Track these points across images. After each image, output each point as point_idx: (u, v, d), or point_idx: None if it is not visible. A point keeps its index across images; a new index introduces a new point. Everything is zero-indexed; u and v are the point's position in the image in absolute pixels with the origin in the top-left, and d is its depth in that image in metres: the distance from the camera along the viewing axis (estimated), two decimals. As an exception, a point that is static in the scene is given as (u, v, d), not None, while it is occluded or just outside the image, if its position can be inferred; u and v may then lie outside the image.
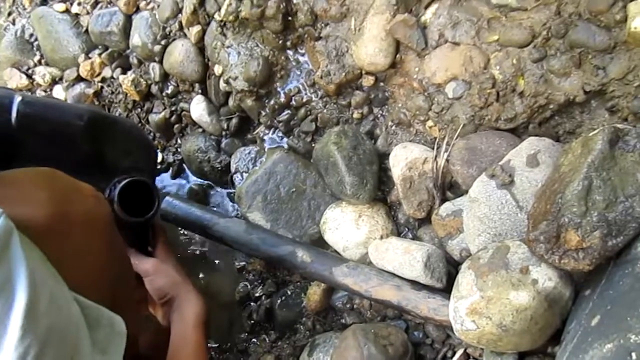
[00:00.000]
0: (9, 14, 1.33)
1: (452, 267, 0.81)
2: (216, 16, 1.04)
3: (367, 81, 0.94)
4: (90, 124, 0.85)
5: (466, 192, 0.84)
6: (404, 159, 0.85)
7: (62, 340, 0.49)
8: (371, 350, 0.72)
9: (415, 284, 0.78)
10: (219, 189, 1.13)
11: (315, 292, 0.90)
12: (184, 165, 1.16)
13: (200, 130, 1.14)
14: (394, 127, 0.94)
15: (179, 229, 1.03)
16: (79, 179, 0.85)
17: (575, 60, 0.77)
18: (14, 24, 1.32)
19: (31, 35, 1.27)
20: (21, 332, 0.44)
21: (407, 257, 0.77)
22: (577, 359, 0.55)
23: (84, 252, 0.57)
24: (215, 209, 1.07)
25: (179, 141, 1.17)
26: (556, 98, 0.78)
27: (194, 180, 1.15)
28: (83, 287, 0.55)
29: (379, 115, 0.96)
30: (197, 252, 1.10)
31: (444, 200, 0.85)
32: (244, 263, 1.06)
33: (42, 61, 1.26)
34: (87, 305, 0.54)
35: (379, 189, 0.90)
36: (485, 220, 0.72)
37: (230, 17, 1.00)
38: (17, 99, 0.78)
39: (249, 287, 1.03)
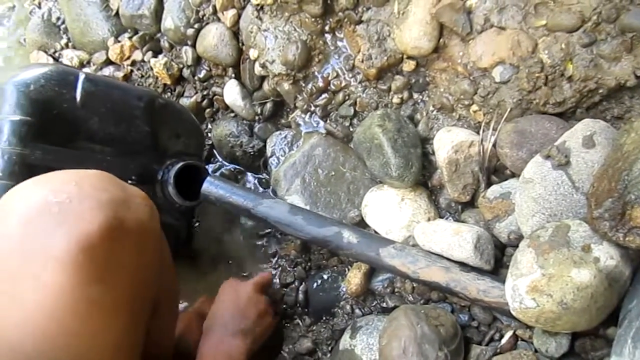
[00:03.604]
0: (35, -4, 1.32)
1: (497, 250, 0.81)
2: (253, 0, 1.03)
3: (408, 66, 0.94)
4: (148, 106, 0.84)
5: (512, 175, 0.84)
6: (450, 142, 0.85)
7: None
8: (424, 330, 0.72)
9: (463, 266, 0.78)
10: (249, 175, 1.13)
11: (355, 276, 0.89)
12: (214, 150, 1.15)
13: (232, 114, 1.13)
14: (435, 112, 0.94)
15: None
16: (136, 159, 0.86)
17: (627, 45, 0.77)
18: (39, 7, 1.31)
19: (58, 18, 1.26)
20: None
21: (456, 239, 0.77)
22: (648, 334, 0.55)
23: (133, 265, 0.55)
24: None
25: (209, 126, 1.16)
26: (606, 82, 0.78)
27: (224, 165, 1.14)
28: (125, 302, 0.54)
29: (419, 100, 0.96)
30: (228, 237, 1.10)
31: (489, 183, 0.85)
32: (276, 249, 1.06)
33: (69, 44, 1.25)
34: None
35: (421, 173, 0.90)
36: (540, 201, 0.72)
37: (269, 1, 1.00)
38: (81, 76, 0.77)
39: (282, 272, 1.03)
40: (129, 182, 0.84)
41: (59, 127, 0.78)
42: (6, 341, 0.48)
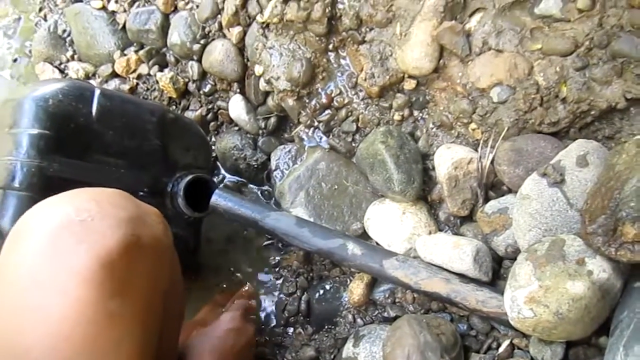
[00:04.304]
0: (40, 9, 1.35)
1: (495, 263, 0.85)
2: (258, 18, 1.07)
3: (409, 84, 0.98)
4: (160, 120, 0.87)
5: (509, 191, 0.88)
6: (450, 158, 0.89)
7: None
8: (427, 338, 0.76)
9: (462, 277, 0.82)
10: (252, 187, 1.16)
11: (357, 286, 0.93)
12: (217, 162, 1.18)
13: (236, 128, 1.16)
14: (434, 129, 0.98)
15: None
16: (147, 171, 0.89)
17: (617, 70, 0.82)
18: (45, 19, 1.34)
19: (64, 30, 1.29)
20: None
21: (456, 252, 0.81)
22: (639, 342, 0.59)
23: (150, 279, 0.58)
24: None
25: (213, 139, 1.19)
26: (598, 104, 0.83)
27: (227, 177, 1.17)
28: (142, 315, 0.56)
29: (419, 118, 1.00)
30: (229, 248, 1.13)
31: (487, 199, 0.89)
32: (278, 259, 1.09)
33: (75, 56, 1.27)
34: None
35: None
36: (537, 216, 0.76)
37: (275, 19, 1.04)
38: (97, 92, 0.80)
39: (284, 282, 1.06)
40: (141, 194, 0.87)
41: (75, 141, 0.81)
42: (33, 353, 0.50)
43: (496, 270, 0.85)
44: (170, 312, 0.67)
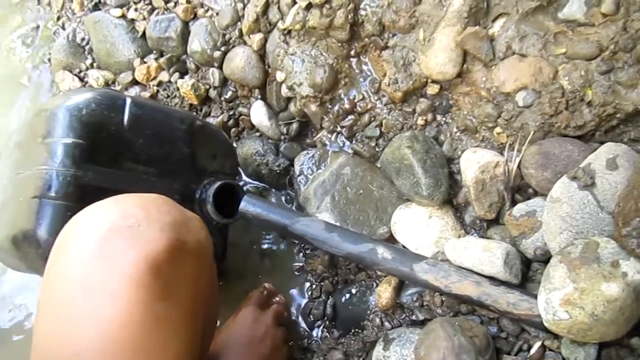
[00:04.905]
0: (58, 18, 1.36)
1: (523, 265, 0.86)
2: (279, 25, 1.08)
3: (432, 89, 0.99)
4: (189, 128, 0.88)
5: (535, 193, 0.89)
6: (476, 162, 0.90)
7: None
8: (461, 341, 0.76)
9: (493, 280, 0.82)
10: (275, 192, 1.17)
11: (385, 290, 0.93)
12: (239, 168, 1.19)
13: (257, 134, 1.17)
14: (458, 133, 0.99)
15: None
16: (177, 179, 0.90)
17: (643, 73, 0.83)
18: (63, 28, 1.34)
19: (82, 39, 1.30)
20: None
21: (487, 255, 0.82)
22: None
23: (194, 283, 0.59)
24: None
25: (234, 145, 1.20)
26: (624, 107, 0.84)
27: (249, 182, 1.18)
28: (186, 318, 0.57)
29: (443, 122, 1.01)
30: (253, 253, 1.14)
31: (513, 202, 0.90)
32: (302, 264, 1.10)
33: (94, 64, 1.28)
34: None
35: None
36: (568, 219, 0.77)
37: (297, 26, 1.05)
38: (129, 100, 0.81)
39: (309, 286, 1.06)
40: (172, 201, 0.87)
41: (108, 149, 0.82)
42: (82, 356, 0.51)
43: (524, 272, 0.85)
44: (208, 316, 0.68)
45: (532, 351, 0.81)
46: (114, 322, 0.52)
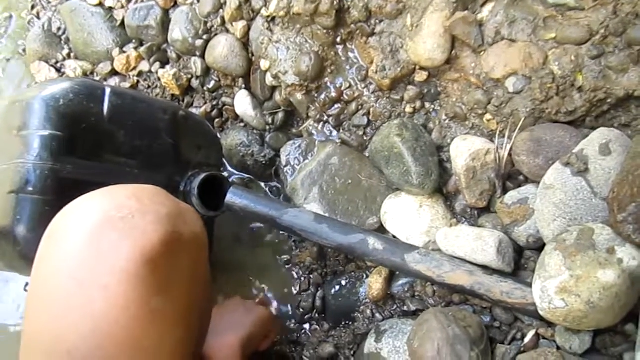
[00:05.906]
0: (33, 7, 1.32)
1: (516, 253, 0.84)
2: (263, 12, 1.05)
3: (420, 76, 0.97)
4: (172, 118, 0.85)
5: (526, 180, 0.88)
6: (467, 150, 0.88)
7: None
8: (456, 331, 0.75)
9: (485, 269, 0.81)
10: (260, 183, 1.14)
11: (376, 281, 0.92)
12: (224, 159, 1.16)
13: (242, 124, 1.14)
14: (447, 121, 0.97)
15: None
16: (160, 171, 0.87)
17: (634, 57, 0.82)
18: (38, 17, 1.30)
19: (59, 28, 1.26)
20: None
21: (479, 243, 0.80)
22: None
23: (191, 276, 0.57)
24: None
25: (218, 136, 1.17)
26: (615, 92, 0.83)
27: (234, 174, 1.16)
28: (183, 313, 0.55)
29: (432, 110, 0.99)
30: (237, 246, 1.12)
31: (505, 189, 0.89)
32: (289, 256, 1.08)
33: (72, 55, 1.24)
34: None
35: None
36: (561, 206, 0.76)
37: (281, 13, 1.02)
38: (108, 90, 0.78)
39: (297, 279, 1.05)
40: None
41: (88, 141, 0.79)
42: (76, 352, 0.49)
43: (517, 261, 0.84)
44: (204, 310, 0.65)
45: (526, 340, 0.80)
46: (107, 318, 0.49)
